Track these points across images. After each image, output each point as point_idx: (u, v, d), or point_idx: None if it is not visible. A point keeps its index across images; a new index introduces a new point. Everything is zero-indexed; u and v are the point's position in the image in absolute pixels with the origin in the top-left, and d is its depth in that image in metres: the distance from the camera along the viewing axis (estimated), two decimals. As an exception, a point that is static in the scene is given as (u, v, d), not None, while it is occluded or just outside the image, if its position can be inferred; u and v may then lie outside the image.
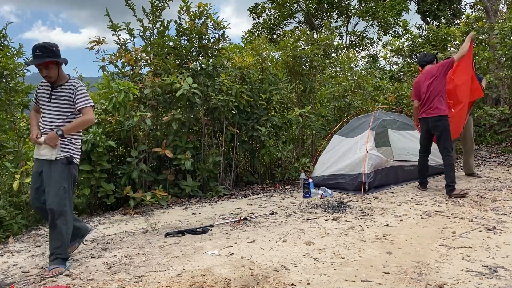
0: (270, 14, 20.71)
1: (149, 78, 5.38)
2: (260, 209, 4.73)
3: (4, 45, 5.04)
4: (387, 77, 11.19)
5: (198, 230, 3.84)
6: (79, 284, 2.73)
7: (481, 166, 6.95)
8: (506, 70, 8.21)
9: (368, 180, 5.19)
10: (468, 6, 19.11)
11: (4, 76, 4.65)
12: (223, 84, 5.66)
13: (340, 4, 19.83)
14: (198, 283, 2.60)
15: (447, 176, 4.71)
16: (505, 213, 3.88)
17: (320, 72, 8.05)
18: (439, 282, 2.45)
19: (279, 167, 6.92)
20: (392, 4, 18.52)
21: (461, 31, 10.42)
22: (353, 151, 5.60)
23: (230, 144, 6.21)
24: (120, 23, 5.67)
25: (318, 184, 5.62)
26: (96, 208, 5.26)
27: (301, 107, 6.80)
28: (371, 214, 4.13)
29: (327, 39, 7.46)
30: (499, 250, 2.94)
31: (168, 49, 5.82)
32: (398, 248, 3.09)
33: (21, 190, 4.65)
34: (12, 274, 3.06)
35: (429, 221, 3.76)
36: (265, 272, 2.75)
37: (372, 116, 5.92)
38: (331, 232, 3.60)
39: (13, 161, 4.88)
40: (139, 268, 2.98)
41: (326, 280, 2.56)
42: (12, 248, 3.80)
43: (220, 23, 6.03)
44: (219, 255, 3.15)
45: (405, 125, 6.37)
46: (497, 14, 9.92)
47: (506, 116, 8.52)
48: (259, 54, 6.47)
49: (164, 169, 5.65)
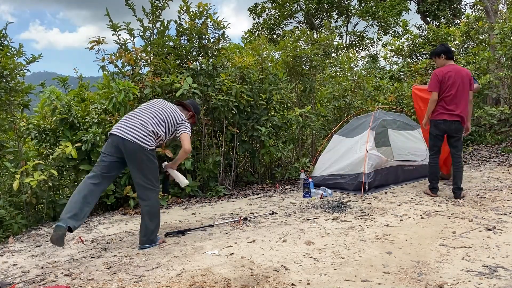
0: (270, 14, 20.71)
1: (149, 78, 5.38)
2: (260, 209, 4.73)
3: (4, 45, 5.04)
4: (387, 77, 11.21)
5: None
6: (79, 284, 2.73)
7: (481, 166, 6.95)
8: (506, 70, 8.21)
9: (368, 180, 5.19)
10: (468, 6, 19.11)
11: (4, 76, 4.64)
12: (223, 84, 5.66)
13: (340, 4, 19.84)
14: (198, 283, 2.60)
15: (460, 178, 4.61)
16: (505, 213, 3.88)
17: (320, 72, 8.06)
18: (439, 282, 2.45)
19: (279, 167, 6.92)
20: (392, 4, 18.53)
21: (461, 31, 10.43)
22: (353, 151, 5.60)
23: (230, 144, 6.21)
24: (120, 23, 5.67)
25: (318, 184, 5.62)
26: (96, 208, 5.26)
27: (301, 107, 6.80)
28: (371, 214, 4.13)
29: (327, 39, 7.46)
30: (499, 250, 2.94)
31: (168, 49, 5.82)
32: (398, 248, 3.09)
33: (21, 190, 4.64)
34: (12, 274, 3.06)
35: (429, 221, 3.76)
36: (265, 272, 2.75)
37: (372, 116, 5.92)
38: (331, 232, 3.60)
39: (13, 161, 4.88)
40: (139, 268, 2.98)
41: (326, 280, 2.56)
42: (12, 248, 3.80)
43: (220, 23, 6.03)
44: (219, 255, 3.15)
45: (405, 125, 6.36)
46: (497, 14, 9.92)
47: (506, 116, 8.52)
48: (259, 54, 6.47)
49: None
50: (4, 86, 4.66)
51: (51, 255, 3.48)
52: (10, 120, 4.85)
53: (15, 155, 4.95)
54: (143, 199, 3.37)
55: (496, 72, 8.72)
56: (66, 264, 3.19)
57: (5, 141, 5.03)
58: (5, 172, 4.97)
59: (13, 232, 4.34)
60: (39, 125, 5.03)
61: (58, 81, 6.00)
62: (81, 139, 4.83)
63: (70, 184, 5.37)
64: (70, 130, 5.02)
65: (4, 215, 4.34)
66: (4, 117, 4.86)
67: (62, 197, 5.15)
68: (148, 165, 3.33)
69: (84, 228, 4.38)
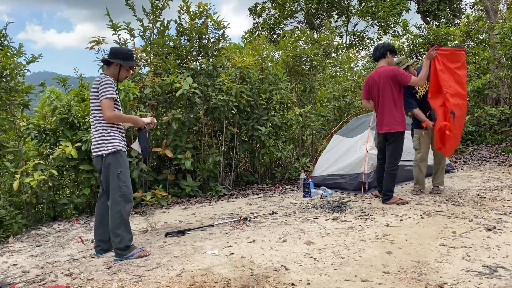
0: (270, 14, 20.70)
1: (149, 77, 5.38)
2: (260, 209, 4.73)
3: (4, 45, 5.04)
4: (387, 77, 11.17)
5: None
6: (79, 284, 2.73)
7: (481, 166, 6.95)
8: (506, 69, 8.21)
9: (368, 180, 5.19)
10: (468, 6, 19.10)
11: (4, 76, 4.64)
12: (223, 84, 5.66)
13: (340, 4, 19.83)
14: (198, 283, 2.60)
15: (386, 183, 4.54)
16: (505, 212, 3.88)
17: (320, 72, 8.05)
18: (439, 281, 2.45)
19: (279, 167, 6.92)
20: (392, 3, 18.51)
21: (461, 31, 10.42)
22: (353, 151, 5.60)
23: (230, 144, 6.21)
24: (120, 22, 5.67)
25: (318, 184, 5.62)
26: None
27: (301, 107, 6.80)
28: (371, 214, 4.13)
29: (327, 39, 7.46)
30: (499, 249, 2.94)
31: (168, 49, 5.82)
32: (398, 248, 3.09)
33: (21, 190, 4.65)
34: (12, 274, 3.06)
35: (429, 221, 3.76)
36: (265, 272, 2.75)
37: (372, 116, 5.91)
38: (331, 232, 3.60)
39: (13, 161, 4.88)
40: (139, 267, 2.97)
41: (326, 280, 2.56)
42: (12, 248, 3.80)
43: (220, 23, 6.03)
44: (219, 254, 3.15)
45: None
46: (497, 14, 9.92)
47: (506, 116, 8.52)
48: (259, 53, 6.47)
49: (164, 169, 5.66)
50: (4, 86, 4.66)
51: (51, 255, 3.48)
52: (10, 120, 4.85)
53: (15, 155, 4.95)
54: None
55: (496, 72, 8.72)
56: (66, 264, 3.19)
57: (5, 141, 5.03)
58: (5, 172, 4.97)
59: (13, 232, 4.34)
60: (39, 125, 5.03)
61: (58, 81, 6.00)
62: (81, 139, 4.83)
63: (70, 184, 5.37)
64: (70, 130, 5.03)
65: (4, 215, 4.34)
66: (4, 117, 4.86)
67: (62, 197, 5.15)
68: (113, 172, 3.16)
69: (84, 228, 4.39)
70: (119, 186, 3.15)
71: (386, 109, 4.41)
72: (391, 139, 4.46)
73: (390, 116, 4.39)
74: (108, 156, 3.15)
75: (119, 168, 3.16)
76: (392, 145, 4.47)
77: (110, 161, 3.15)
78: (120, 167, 3.17)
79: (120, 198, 3.16)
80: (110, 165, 3.15)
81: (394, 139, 4.45)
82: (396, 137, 4.44)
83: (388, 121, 4.41)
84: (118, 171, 3.15)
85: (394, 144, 4.45)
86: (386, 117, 4.41)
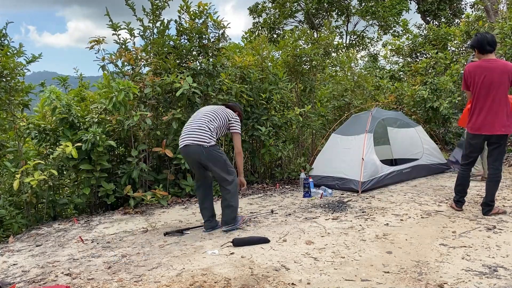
0: (270, 14, 20.70)
1: (149, 77, 5.37)
2: (260, 208, 4.73)
3: (4, 45, 5.04)
4: (387, 77, 11.19)
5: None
6: (79, 283, 2.73)
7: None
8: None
9: (363, 187, 5.18)
10: (468, 5, 19.07)
11: (4, 75, 4.64)
12: (223, 84, 5.66)
13: (340, 4, 19.82)
14: (198, 283, 2.60)
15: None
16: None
17: (320, 72, 8.04)
18: (439, 281, 2.45)
19: (279, 166, 6.92)
20: (392, 3, 18.51)
21: (461, 31, 10.41)
22: (349, 154, 5.53)
23: (230, 144, 6.21)
24: (120, 22, 5.67)
25: (318, 184, 5.62)
26: (96, 208, 5.26)
27: (301, 107, 6.79)
28: (371, 214, 4.13)
29: (327, 39, 7.45)
30: (499, 249, 2.94)
31: (168, 49, 5.82)
32: (398, 247, 3.09)
33: (21, 189, 4.64)
34: (12, 273, 3.06)
35: (429, 221, 3.76)
36: (265, 271, 2.75)
37: (370, 116, 5.86)
38: (331, 231, 3.60)
39: (13, 160, 4.88)
40: (139, 267, 2.98)
41: (326, 280, 2.56)
42: (12, 248, 3.80)
43: (220, 23, 6.03)
44: (219, 254, 3.16)
45: (405, 124, 6.36)
46: (497, 14, 9.92)
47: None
48: (259, 53, 6.46)
49: (164, 168, 5.65)
50: (4, 85, 4.66)
51: (51, 254, 3.48)
52: (10, 119, 4.85)
53: (15, 155, 4.95)
54: (224, 187, 3.78)
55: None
56: (66, 263, 3.19)
57: (5, 141, 5.03)
58: (5, 171, 4.98)
59: (13, 231, 4.34)
60: (39, 124, 5.03)
61: (58, 80, 6.00)
62: (81, 139, 4.83)
63: (70, 183, 5.37)
64: (70, 129, 5.02)
65: (4, 214, 4.35)
66: (4, 117, 4.86)
67: (62, 196, 5.15)
68: (215, 158, 3.70)
69: (84, 227, 4.39)
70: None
71: (501, 108, 3.81)
72: (499, 142, 3.86)
73: (503, 116, 3.82)
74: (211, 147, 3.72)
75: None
76: (498, 149, 3.90)
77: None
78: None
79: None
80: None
81: (502, 142, 3.88)
82: (505, 140, 3.89)
83: (502, 121, 3.81)
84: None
85: (501, 148, 3.91)
86: (500, 117, 3.81)
